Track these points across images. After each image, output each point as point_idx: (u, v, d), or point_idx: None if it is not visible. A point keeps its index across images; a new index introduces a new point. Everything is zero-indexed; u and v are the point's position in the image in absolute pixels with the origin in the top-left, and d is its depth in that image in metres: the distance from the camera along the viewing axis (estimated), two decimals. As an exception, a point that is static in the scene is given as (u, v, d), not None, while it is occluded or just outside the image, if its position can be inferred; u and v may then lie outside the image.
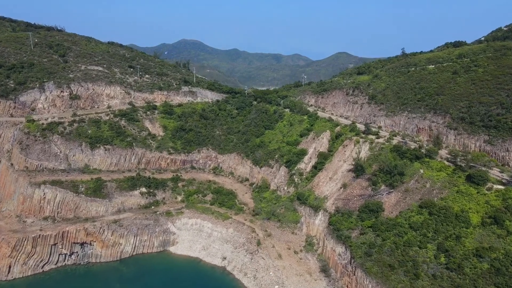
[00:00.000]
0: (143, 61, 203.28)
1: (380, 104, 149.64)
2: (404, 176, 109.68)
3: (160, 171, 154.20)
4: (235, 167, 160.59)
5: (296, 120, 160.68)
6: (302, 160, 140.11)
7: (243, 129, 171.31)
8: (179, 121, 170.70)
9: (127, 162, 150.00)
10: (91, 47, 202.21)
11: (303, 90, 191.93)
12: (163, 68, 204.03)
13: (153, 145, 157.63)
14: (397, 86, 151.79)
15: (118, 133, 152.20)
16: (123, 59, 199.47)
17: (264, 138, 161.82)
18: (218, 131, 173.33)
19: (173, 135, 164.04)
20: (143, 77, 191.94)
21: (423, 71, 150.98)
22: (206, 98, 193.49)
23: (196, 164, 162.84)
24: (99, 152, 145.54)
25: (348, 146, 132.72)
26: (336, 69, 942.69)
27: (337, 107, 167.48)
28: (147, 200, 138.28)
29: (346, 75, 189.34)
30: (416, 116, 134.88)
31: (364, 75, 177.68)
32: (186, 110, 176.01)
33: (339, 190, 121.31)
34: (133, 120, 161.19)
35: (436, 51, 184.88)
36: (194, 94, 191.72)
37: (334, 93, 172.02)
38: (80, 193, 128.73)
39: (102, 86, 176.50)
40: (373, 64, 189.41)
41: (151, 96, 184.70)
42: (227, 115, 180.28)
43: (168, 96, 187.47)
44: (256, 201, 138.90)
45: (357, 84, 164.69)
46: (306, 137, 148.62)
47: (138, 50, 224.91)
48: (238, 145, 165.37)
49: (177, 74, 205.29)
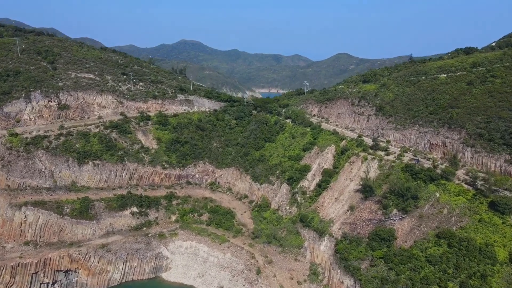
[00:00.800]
0: (137, 68, 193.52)
1: (388, 116, 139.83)
2: (418, 200, 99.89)
3: (154, 187, 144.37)
4: (234, 183, 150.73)
5: (298, 132, 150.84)
6: (305, 177, 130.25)
7: (242, 141, 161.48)
8: (174, 132, 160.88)
9: (117, 178, 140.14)
10: (82, 53, 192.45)
11: (305, 98, 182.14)
12: (158, 75, 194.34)
13: (146, 159, 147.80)
14: (406, 96, 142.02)
15: (108, 147, 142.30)
16: (116, 66, 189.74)
17: (265, 151, 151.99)
18: (215, 143, 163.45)
19: (167, 148, 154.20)
20: (137, 85, 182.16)
21: (434, 80, 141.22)
22: (203, 107, 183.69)
23: (192, 179, 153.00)
24: (87, 168, 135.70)
25: (355, 163, 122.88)
26: (337, 70, 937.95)
27: (342, 118, 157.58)
28: (138, 220, 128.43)
29: (351, 83, 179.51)
30: (428, 130, 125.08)
31: (370, 83, 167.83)
32: (181, 120, 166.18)
33: (346, 212, 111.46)
34: (125, 132, 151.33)
35: (446, 57, 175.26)
36: (190, 102, 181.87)
37: (339, 103, 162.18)
38: (65, 214, 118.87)
39: (93, 95, 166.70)
40: (379, 72, 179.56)
41: (145, 105, 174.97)
42: (225, 125, 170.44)
43: (163, 105, 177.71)
44: (255, 222, 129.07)
45: (363, 94, 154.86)
46: (309, 151, 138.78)
47: (132, 56, 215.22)
48: (236, 158, 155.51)
49: (173, 81, 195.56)
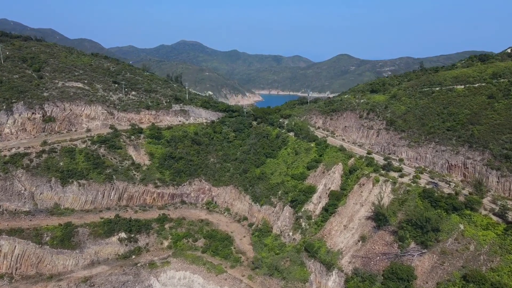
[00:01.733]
0: (129, 76, 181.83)
1: (400, 132, 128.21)
2: (440, 233, 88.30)
3: (145, 208, 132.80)
4: (232, 203, 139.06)
5: (302, 147, 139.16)
6: (310, 200, 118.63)
7: (241, 156, 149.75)
8: (168, 146, 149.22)
9: (105, 199, 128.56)
10: (71, 60, 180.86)
11: (308, 109, 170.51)
12: (152, 83, 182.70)
13: (137, 177, 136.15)
14: (420, 110, 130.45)
15: (95, 165, 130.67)
16: (107, 73, 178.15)
17: (265, 168, 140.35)
18: (212, 158, 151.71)
19: (160, 164, 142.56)
20: (129, 94, 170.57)
21: (450, 92, 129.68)
22: (200, 117, 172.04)
23: (187, 198, 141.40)
24: (71, 189, 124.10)
25: (365, 186, 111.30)
26: (338, 71, 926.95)
27: (349, 131, 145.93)
28: (127, 247, 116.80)
29: (358, 93, 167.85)
30: (446, 149, 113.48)
31: (379, 93, 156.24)
32: (176, 133, 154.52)
33: (357, 243, 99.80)
34: (114, 147, 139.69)
35: (460, 65, 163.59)
36: (186, 113, 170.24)
37: (345, 115, 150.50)
38: (44, 243, 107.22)
39: (81, 105, 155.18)
40: (388, 81, 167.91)
41: (138, 117, 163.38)
42: (223, 138, 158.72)
43: (156, 116, 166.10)
44: (256, 249, 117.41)
45: (372, 106, 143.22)
46: (314, 170, 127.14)
47: (125, 62, 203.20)
48: (235, 175, 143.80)
49: (168, 89, 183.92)
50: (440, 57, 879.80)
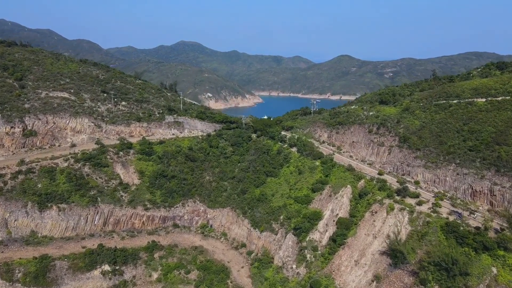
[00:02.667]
0: (119, 84, 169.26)
1: (415, 150, 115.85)
2: (469, 277, 75.93)
3: (133, 233, 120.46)
4: (229, 227, 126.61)
5: (306, 166, 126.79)
6: (315, 228, 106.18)
7: (239, 174, 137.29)
8: (160, 163, 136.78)
9: (88, 225, 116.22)
10: (58, 67, 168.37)
11: (312, 120, 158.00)
12: (144, 92, 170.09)
13: (125, 199, 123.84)
14: (436, 125, 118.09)
15: (78, 186, 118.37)
16: (95, 82, 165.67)
17: (266, 188, 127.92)
18: (208, 176, 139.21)
19: (151, 184, 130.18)
20: (119, 105, 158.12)
21: (470, 106, 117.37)
22: (195, 129, 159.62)
23: (179, 221, 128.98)
24: (50, 214, 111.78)
25: (378, 214, 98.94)
26: (339, 72, 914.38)
27: (357, 147, 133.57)
28: (111, 281, 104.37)
29: (365, 103, 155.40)
30: (469, 172, 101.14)
31: (389, 105, 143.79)
32: (169, 148, 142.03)
33: (371, 284, 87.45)
34: (100, 165, 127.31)
35: (476, 73, 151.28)
36: (180, 125, 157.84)
37: (353, 129, 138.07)
38: (15, 281, 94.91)
39: (65, 118, 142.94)
40: (398, 90, 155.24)
41: (127, 129, 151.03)
42: (219, 154, 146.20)
43: (148, 129, 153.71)
44: (255, 283, 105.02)
45: (383, 119, 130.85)
46: (319, 192, 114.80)
47: (116, 69, 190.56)
48: (232, 196, 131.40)
49: (161, 99, 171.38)
50: (442, 58, 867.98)
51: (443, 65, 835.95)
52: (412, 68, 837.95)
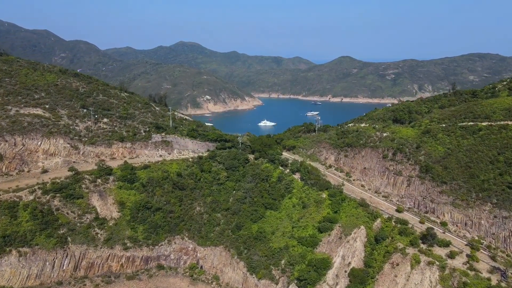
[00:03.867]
0: (102, 98, 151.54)
1: (440, 183, 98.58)
2: None
3: (110, 278, 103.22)
4: (222, 269, 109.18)
5: (311, 198, 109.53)
6: (323, 279, 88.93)
7: (235, 205, 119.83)
8: (144, 192, 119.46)
9: (56, 271, 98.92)
10: (33, 79, 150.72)
11: (317, 140, 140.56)
12: (129, 106, 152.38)
13: (101, 237, 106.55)
14: (464, 153, 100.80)
15: (44, 224, 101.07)
16: (74, 96, 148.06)
17: (265, 224, 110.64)
18: (198, 206, 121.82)
19: (133, 217, 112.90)
20: (100, 122, 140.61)
21: (504, 131, 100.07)
22: (186, 149, 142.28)
23: (165, 261, 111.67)
24: (9, 261, 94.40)
25: (400, 268, 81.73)
26: (339, 74, 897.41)
27: (370, 175, 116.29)
28: None
29: (377, 121, 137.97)
30: (510, 215, 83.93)
31: (405, 124, 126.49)
32: (154, 174, 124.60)
33: None
34: (72, 197, 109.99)
35: (503, 88, 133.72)
36: (168, 145, 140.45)
37: (364, 153, 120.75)
38: None
39: (37, 139, 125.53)
40: (414, 106, 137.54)
41: (109, 151, 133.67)
42: (212, 180, 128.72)
43: (132, 150, 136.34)
44: None
45: (399, 144, 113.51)
46: (328, 233, 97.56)
47: (99, 80, 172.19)
48: (226, 232, 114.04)
49: (148, 114, 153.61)
50: (445, 60, 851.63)
51: (446, 66, 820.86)
52: (414, 70, 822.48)
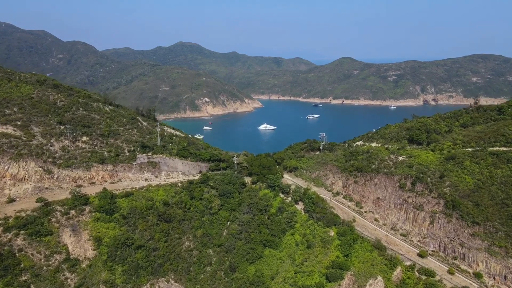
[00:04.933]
0: (82, 113, 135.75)
1: (472, 224, 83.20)
2: None
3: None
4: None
5: (317, 235, 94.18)
6: None
7: (229, 241, 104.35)
8: (125, 225, 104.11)
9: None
10: (5, 91, 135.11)
11: (322, 161, 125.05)
12: (113, 122, 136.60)
13: (71, 283, 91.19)
14: (499, 186, 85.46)
15: (3, 270, 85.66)
16: (51, 110, 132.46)
17: (263, 265, 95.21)
18: (187, 241, 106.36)
19: (110, 256, 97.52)
20: (78, 141, 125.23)
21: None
22: (175, 171, 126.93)
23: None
24: (-43, 318, 79.12)
25: (430, 338, 66.24)
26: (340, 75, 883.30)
27: (385, 207, 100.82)
28: None
29: (390, 140, 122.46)
30: (562, 272, 68.48)
31: (422, 145, 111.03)
32: (137, 203, 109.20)
33: None
34: (40, 234, 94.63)
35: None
36: (155, 166, 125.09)
37: (377, 180, 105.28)
38: None
39: (4, 163, 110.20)
40: (432, 124, 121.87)
41: (87, 174, 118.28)
42: (204, 208, 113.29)
43: (114, 173, 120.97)
44: None
45: (419, 171, 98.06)
46: (337, 282, 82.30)
47: (82, 90, 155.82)
48: (218, 274, 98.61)
49: (134, 131, 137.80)
50: (448, 61, 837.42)
51: (449, 68, 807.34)
52: (416, 71, 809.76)
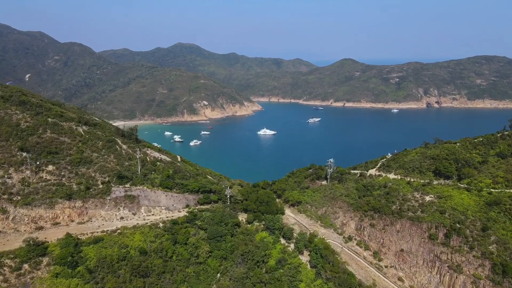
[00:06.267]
0: (50, 136, 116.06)
1: (530, 299, 63.96)
2: None
3: None
4: None
5: (327, 302, 74.93)
6: None
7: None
8: (91, 280, 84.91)
9: None
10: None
11: (331, 195, 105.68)
12: (86, 147, 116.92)
13: None
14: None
15: None
16: (13, 134, 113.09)
17: None
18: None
19: (70, 324, 78.32)
20: (43, 171, 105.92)
21: None
22: (158, 206, 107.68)
23: None
24: None
25: None
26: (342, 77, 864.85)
27: (411, 263, 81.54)
28: None
29: (412, 171, 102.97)
30: None
31: (452, 180, 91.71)
32: (108, 252, 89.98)
33: None
34: (-20, 300, 75.52)
35: None
36: (134, 201, 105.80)
37: (400, 226, 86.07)
38: None
39: None
40: (461, 152, 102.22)
41: (50, 213, 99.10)
42: (189, 256, 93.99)
43: (83, 211, 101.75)
44: None
45: (455, 221, 78.77)
46: None
47: (55, 107, 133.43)
48: None
49: (110, 157, 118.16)
50: (451, 63, 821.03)
51: (452, 69, 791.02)
52: (419, 73, 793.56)
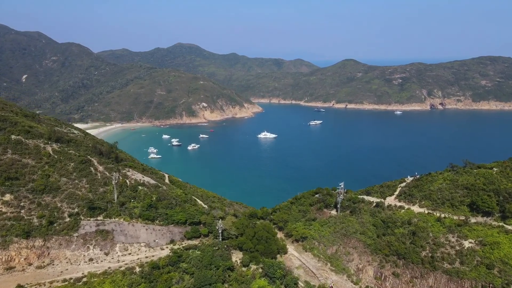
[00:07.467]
0: (10, 157, 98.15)
1: None
2: None
3: None
4: None
5: None
6: None
7: None
8: None
9: None
10: None
11: (342, 231, 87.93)
12: (54, 170, 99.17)
13: None
14: None
15: None
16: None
17: None
18: None
19: None
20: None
21: None
22: (136, 242, 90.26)
23: None
24: None
25: None
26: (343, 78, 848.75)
27: (449, 331, 64.06)
28: None
29: (441, 203, 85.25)
30: None
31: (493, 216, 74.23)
32: (68, 309, 72.67)
33: None
34: None
35: None
36: (107, 237, 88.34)
37: (433, 281, 68.40)
38: None
39: None
40: (499, 178, 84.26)
41: (3, 255, 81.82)
42: (170, 312, 76.73)
43: (44, 252, 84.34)
44: None
45: (508, 278, 61.30)
46: None
47: (23, 121, 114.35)
48: None
49: (82, 181, 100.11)
50: (454, 63, 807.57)
51: (456, 70, 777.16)
52: (422, 74, 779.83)
